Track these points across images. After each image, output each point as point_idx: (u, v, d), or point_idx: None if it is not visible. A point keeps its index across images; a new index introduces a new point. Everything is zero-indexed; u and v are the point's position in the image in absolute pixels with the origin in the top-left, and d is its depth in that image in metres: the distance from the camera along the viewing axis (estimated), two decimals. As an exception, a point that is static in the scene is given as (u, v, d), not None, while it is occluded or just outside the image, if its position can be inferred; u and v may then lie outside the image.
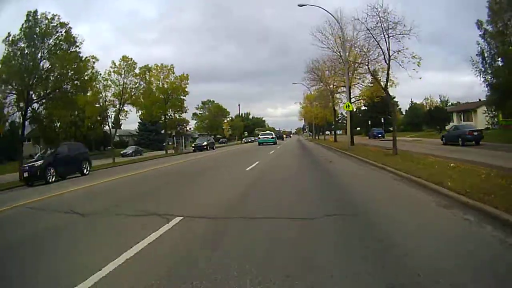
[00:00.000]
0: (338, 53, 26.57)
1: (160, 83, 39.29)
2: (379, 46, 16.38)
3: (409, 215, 5.38)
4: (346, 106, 21.26)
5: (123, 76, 31.60)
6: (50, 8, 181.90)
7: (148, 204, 7.19)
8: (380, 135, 45.84)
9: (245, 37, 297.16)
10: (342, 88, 30.95)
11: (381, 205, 6.11)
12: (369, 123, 58.08)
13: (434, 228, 4.63)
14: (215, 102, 55.02)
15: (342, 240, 4.19)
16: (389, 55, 16.36)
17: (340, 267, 3.31)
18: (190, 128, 69.07)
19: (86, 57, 25.72)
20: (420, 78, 17.25)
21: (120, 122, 45.55)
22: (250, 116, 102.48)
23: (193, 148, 42.02)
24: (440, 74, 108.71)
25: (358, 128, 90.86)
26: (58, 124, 51.25)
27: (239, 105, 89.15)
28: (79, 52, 28.00)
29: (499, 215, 4.74)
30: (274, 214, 5.70)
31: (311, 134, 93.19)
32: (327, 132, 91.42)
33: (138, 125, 60.81)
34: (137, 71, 31.84)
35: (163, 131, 65.63)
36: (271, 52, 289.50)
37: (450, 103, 76.18)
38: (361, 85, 28.76)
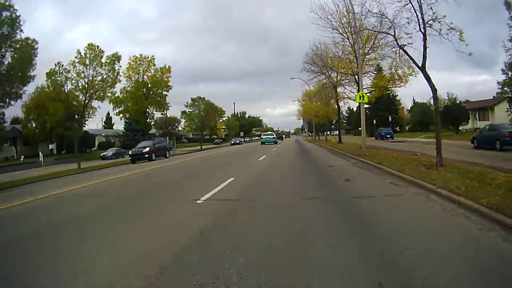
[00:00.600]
0: (344, 35, 21.24)
1: (140, 77, 33.98)
2: (411, 5, 10.93)
3: None
4: (360, 97, 15.79)
5: (88, 66, 26.19)
6: (50, 9, 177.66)
7: None
8: (389, 136, 40.18)
9: (245, 37, 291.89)
10: (348, 79, 25.57)
11: None
12: (374, 122, 52.31)
13: None
14: (205, 99, 49.28)
15: None
16: (423, 20, 10.97)
17: None
18: (184, 129, 63.53)
19: (25, 39, 20.42)
20: (470, 54, 11.83)
21: (87, 120, 40.22)
22: (246, 115, 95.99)
23: (129, 157, 27.57)
24: (440, 73, 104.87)
25: (360, 128, 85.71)
26: (34, 125, 46.53)
27: (234, 103, 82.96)
28: (30, 39, 22.90)
29: None
30: None
31: (310, 134, 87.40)
32: (329, 132, 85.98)
33: (124, 125, 55.27)
34: (104, 60, 26.36)
35: (152, 131, 60.53)
36: (271, 52, 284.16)
37: (458, 101, 71.67)
38: (371, 74, 23.36)
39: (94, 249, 4.42)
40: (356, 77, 21.95)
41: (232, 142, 64.92)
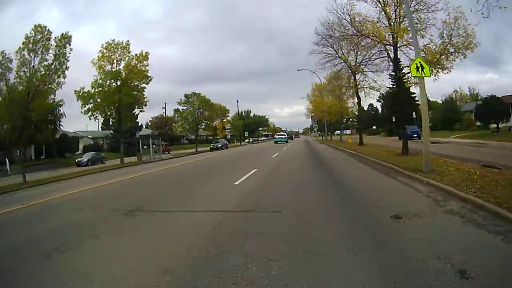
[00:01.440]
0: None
1: (114, 67, 27.20)
2: None
3: None
4: (417, 68, 8.71)
5: (35, 53, 19.73)
6: (53, 8, 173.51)
7: None
8: (415, 135, 32.41)
9: (252, 36, 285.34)
10: (376, 55, 18.49)
11: None
12: (393, 119, 44.41)
13: None
14: (201, 95, 42.13)
15: None
16: None
17: None
18: (175, 128, 56.22)
19: None
20: None
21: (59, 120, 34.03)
22: (251, 114, 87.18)
23: None
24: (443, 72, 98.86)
25: (374, 127, 78.24)
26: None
27: (237, 101, 73.81)
28: None
29: None
30: None
31: (320, 133, 79.48)
32: (337, 132, 78.14)
33: (112, 125, 48.92)
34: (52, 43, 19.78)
35: (146, 132, 53.96)
36: (278, 51, 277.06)
37: (480, 97, 64.45)
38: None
39: None
40: (390, 48, 14.95)
41: (212, 146, 43.58)
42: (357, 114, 60.79)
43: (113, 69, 27.07)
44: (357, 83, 22.32)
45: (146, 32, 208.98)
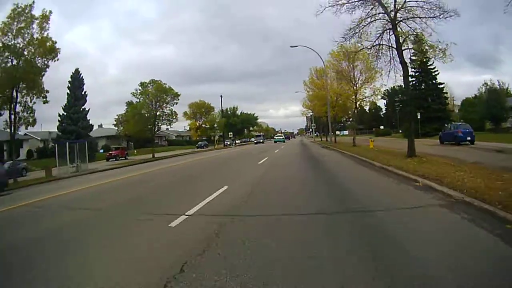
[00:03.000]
0: None
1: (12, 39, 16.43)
2: None
3: None
4: None
5: None
6: (49, 8, 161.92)
7: None
8: (469, 139, 20.58)
9: (248, 38, 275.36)
10: None
11: None
12: (419, 116, 32.86)
13: None
14: (160, 82, 30.75)
15: None
16: None
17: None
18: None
19: None
20: None
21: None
22: (238, 112, 73.57)
23: None
24: (443, 73, 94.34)
25: (381, 127, 67.80)
26: None
27: (221, 96, 60.11)
28: None
29: None
30: None
31: (318, 134, 67.99)
32: (339, 132, 67.27)
33: (58, 124, 37.70)
34: None
35: (108, 132, 41.28)
36: (273, 52, 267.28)
37: (508, 92, 53.96)
38: None
39: None
40: None
41: None
42: (355, 114, 49.23)
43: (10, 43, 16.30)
44: (403, 36, 11.40)
45: (141, 33, 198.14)
